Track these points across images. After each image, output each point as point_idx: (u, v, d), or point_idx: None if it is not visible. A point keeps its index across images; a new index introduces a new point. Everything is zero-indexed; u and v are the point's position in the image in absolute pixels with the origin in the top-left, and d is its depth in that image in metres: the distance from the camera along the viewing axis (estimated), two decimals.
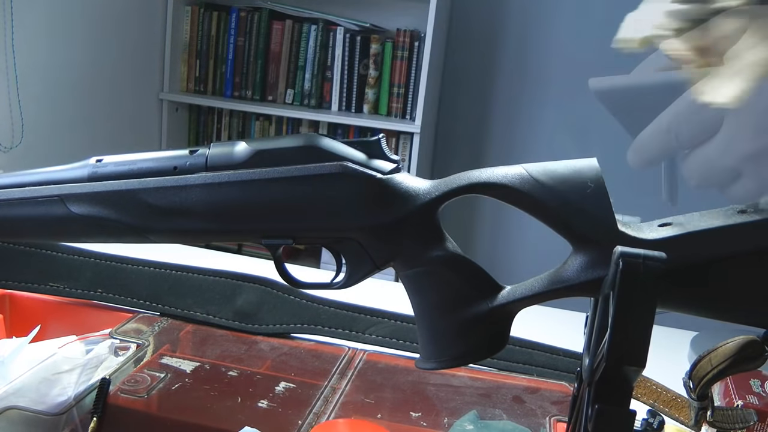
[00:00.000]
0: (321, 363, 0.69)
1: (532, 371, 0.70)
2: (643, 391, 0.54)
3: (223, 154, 0.45)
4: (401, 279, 0.45)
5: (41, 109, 1.96)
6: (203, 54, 2.57)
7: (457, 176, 0.43)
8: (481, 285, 0.43)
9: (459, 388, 0.66)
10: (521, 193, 0.41)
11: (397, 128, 2.42)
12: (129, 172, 0.46)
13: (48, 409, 0.54)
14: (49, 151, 1.97)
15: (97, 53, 2.18)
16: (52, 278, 0.75)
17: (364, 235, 0.44)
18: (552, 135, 2.53)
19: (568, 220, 0.40)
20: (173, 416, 0.59)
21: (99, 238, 0.48)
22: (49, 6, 1.95)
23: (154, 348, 0.68)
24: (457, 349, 0.43)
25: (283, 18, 2.50)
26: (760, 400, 0.58)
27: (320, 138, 0.45)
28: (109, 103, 2.28)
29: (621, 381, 0.35)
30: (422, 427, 0.60)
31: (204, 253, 1.04)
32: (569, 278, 0.40)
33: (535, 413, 0.63)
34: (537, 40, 2.50)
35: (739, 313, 0.39)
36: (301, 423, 0.58)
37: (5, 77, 1.82)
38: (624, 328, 0.33)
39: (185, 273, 0.76)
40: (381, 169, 0.44)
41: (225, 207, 0.44)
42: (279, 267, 0.46)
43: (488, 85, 2.58)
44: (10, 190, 0.47)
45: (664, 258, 0.33)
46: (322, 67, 2.49)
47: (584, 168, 0.40)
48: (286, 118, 2.57)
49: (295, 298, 0.74)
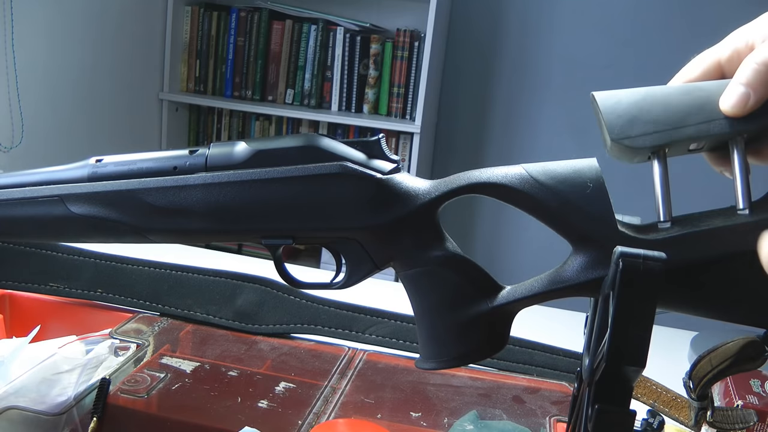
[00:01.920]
0: (321, 363, 0.69)
1: (532, 371, 0.70)
2: (643, 391, 0.54)
3: (223, 154, 0.45)
4: (401, 279, 0.45)
5: (41, 109, 1.96)
6: (203, 54, 2.57)
7: (457, 176, 0.43)
8: (481, 285, 0.43)
9: (459, 388, 0.66)
10: (521, 193, 0.41)
11: (397, 128, 2.42)
12: (129, 172, 0.46)
13: (48, 409, 0.54)
14: (49, 151, 1.97)
15: (97, 53, 2.18)
16: (52, 278, 0.75)
17: (364, 235, 0.44)
18: (552, 135, 2.53)
19: (568, 220, 0.40)
20: (173, 416, 0.59)
21: (99, 238, 0.48)
22: (49, 6, 1.95)
23: (154, 348, 0.68)
24: (457, 349, 0.43)
25: (283, 18, 2.50)
26: (760, 400, 0.58)
27: (320, 138, 0.45)
28: (109, 103, 2.28)
29: (621, 381, 0.35)
30: (422, 427, 0.60)
31: (204, 253, 1.04)
32: (569, 278, 0.40)
33: (535, 413, 0.63)
34: (537, 40, 2.50)
35: (739, 313, 0.39)
36: (301, 423, 0.58)
37: (5, 77, 1.82)
38: (624, 328, 0.33)
39: (185, 273, 0.76)
40: (381, 169, 0.44)
41: (225, 207, 0.44)
42: (279, 267, 0.46)
43: (488, 85, 2.58)
44: (10, 190, 0.47)
45: (664, 258, 0.33)
46: (322, 67, 2.49)
47: (584, 168, 0.40)
48: (286, 118, 2.57)
49: (295, 298, 0.74)
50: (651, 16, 2.38)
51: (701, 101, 0.38)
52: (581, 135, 2.47)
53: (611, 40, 2.41)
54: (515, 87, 2.56)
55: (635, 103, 0.39)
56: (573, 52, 2.45)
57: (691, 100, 0.38)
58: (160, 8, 2.45)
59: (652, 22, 2.38)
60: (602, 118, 0.39)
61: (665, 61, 2.36)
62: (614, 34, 2.41)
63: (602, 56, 2.42)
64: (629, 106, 0.39)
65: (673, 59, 0.58)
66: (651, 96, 0.39)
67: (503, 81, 2.56)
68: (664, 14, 2.36)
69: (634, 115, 0.39)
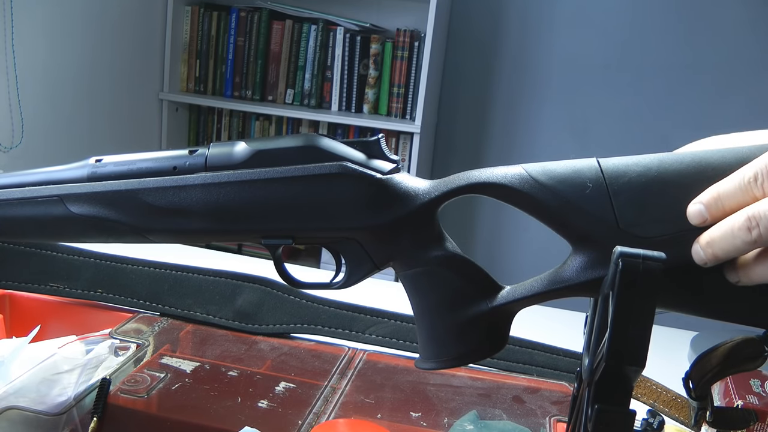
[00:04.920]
0: (321, 363, 0.69)
1: (532, 371, 0.70)
2: (643, 391, 0.54)
3: (223, 154, 0.45)
4: (401, 279, 0.45)
5: (41, 109, 1.96)
6: (203, 54, 2.57)
7: (457, 176, 0.43)
8: (480, 285, 0.43)
9: (459, 388, 0.66)
10: (521, 193, 0.41)
11: (397, 128, 2.42)
12: (128, 172, 0.46)
13: (48, 409, 0.54)
14: (48, 151, 1.97)
15: (97, 53, 2.18)
16: (52, 278, 0.75)
17: (364, 235, 0.44)
18: (552, 135, 2.53)
19: (568, 220, 0.40)
20: (173, 416, 0.59)
21: (99, 238, 0.48)
22: (49, 6, 1.95)
23: (154, 348, 0.68)
24: (456, 349, 0.43)
25: (283, 18, 2.50)
26: (760, 400, 0.58)
27: (320, 138, 0.45)
28: (109, 103, 2.28)
29: (621, 381, 0.35)
30: (422, 427, 0.60)
31: (204, 253, 1.04)
32: (569, 278, 0.40)
33: (535, 413, 0.63)
34: (537, 40, 2.50)
35: (739, 313, 0.39)
36: (301, 423, 0.58)
37: (5, 77, 1.82)
38: (624, 328, 0.33)
39: (185, 273, 0.76)
40: (380, 169, 0.44)
41: (224, 207, 0.44)
42: (279, 267, 0.46)
43: (488, 85, 2.58)
44: (10, 190, 0.47)
45: (664, 258, 0.33)
46: (322, 67, 2.49)
47: (584, 168, 0.40)
48: (286, 118, 2.57)
49: (295, 298, 0.74)
50: (650, 16, 2.38)
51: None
52: (581, 135, 2.47)
53: (611, 40, 2.41)
54: (515, 87, 2.56)
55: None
56: (573, 52, 2.45)
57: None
58: (160, 8, 2.45)
59: (652, 22, 2.37)
60: None
61: (665, 61, 2.37)
62: (614, 34, 2.41)
63: (602, 56, 2.42)
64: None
65: (672, 59, 0.58)
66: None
67: (503, 81, 2.56)
68: (663, 14, 2.36)
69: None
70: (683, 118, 2.34)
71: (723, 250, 0.36)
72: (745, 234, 0.35)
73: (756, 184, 0.35)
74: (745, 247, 0.35)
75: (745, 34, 2.27)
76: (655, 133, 2.34)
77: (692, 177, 0.38)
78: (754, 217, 0.35)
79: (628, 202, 0.39)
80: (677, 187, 0.38)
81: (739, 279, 0.37)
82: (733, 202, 0.36)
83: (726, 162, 0.38)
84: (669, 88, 2.38)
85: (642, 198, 0.38)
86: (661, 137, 2.31)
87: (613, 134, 2.42)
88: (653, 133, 2.35)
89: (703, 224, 0.37)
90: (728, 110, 2.30)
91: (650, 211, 0.38)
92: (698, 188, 0.37)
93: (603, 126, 2.44)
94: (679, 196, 0.38)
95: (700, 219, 0.37)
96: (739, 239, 0.35)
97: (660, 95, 2.39)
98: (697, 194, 0.37)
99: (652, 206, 0.38)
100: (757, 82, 2.29)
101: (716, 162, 0.38)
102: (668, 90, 2.38)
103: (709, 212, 0.37)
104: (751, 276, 0.36)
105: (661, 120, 2.38)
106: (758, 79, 2.29)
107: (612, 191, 0.39)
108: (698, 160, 0.38)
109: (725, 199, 0.36)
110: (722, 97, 2.33)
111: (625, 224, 0.39)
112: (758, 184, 0.35)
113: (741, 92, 2.29)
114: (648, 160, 0.39)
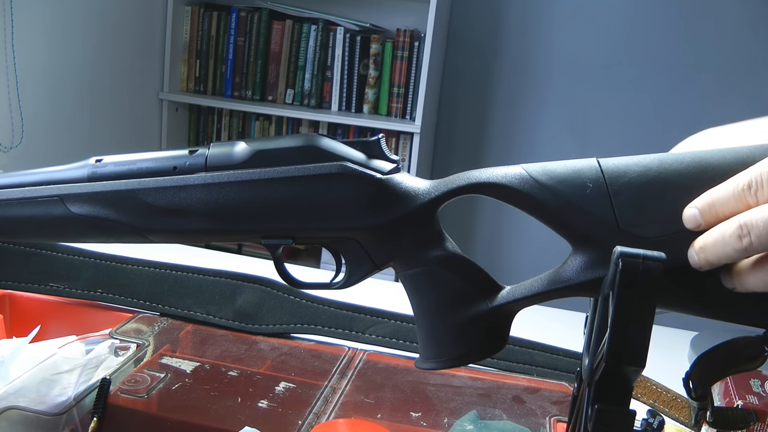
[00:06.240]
0: (321, 363, 0.69)
1: (532, 371, 0.70)
2: (643, 391, 0.54)
3: (223, 154, 0.45)
4: (401, 279, 0.45)
5: (41, 109, 1.96)
6: (203, 54, 2.57)
7: (457, 176, 0.43)
8: (480, 285, 0.43)
9: (459, 388, 0.66)
10: (521, 193, 0.41)
11: (397, 128, 2.42)
12: (128, 172, 0.46)
13: (48, 409, 0.54)
14: (49, 151, 1.97)
15: (97, 53, 2.18)
16: (52, 278, 0.75)
17: (364, 235, 0.44)
18: (552, 135, 2.53)
19: (568, 220, 0.40)
20: (173, 416, 0.59)
21: (99, 238, 0.48)
22: (49, 6, 1.95)
23: (154, 348, 0.68)
24: (456, 349, 0.43)
25: (283, 18, 2.50)
26: (760, 400, 0.58)
27: (320, 138, 0.45)
28: (109, 103, 2.28)
29: (621, 381, 0.35)
30: (422, 427, 0.60)
31: (204, 253, 1.04)
32: (569, 278, 0.40)
33: (535, 413, 0.63)
34: (537, 40, 2.50)
35: (739, 313, 0.39)
36: (301, 423, 0.58)
37: (5, 77, 1.82)
38: (624, 328, 0.33)
39: (185, 273, 0.76)
40: (380, 169, 0.44)
41: (224, 207, 0.44)
42: (279, 267, 0.46)
43: (488, 85, 2.58)
44: (10, 190, 0.47)
45: (664, 258, 0.33)
46: (322, 67, 2.49)
47: (584, 168, 0.40)
48: (286, 118, 2.57)
49: (295, 298, 0.74)
50: (651, 16, 2.38)
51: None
52: (581, 135, 2.47)
53: (611, 40, 2.41)
54: (515, 87, 2.56)
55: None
56: (573, 52, 2.45)
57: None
58: (160, 8, 2.45)
59: (652, 22, 2.37)
60: None
61: (666, 60, 2.37)
62: (614, 34, 2.41)
63: (602, 56, 2.42)
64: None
65: (673, 59, 0.58)
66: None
67: (503, 81, 2.56)
68: (664, 14, 2.36)
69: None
70: (684, 118, 2.34)
71: (715, 256, 0.36)
72: (736, 242, 0.35)
73: (750, 191, 0.35)
74: (736, 255, 0.35)
75: (745, 33, 2.27)
76: (655, 133, 2.34)
77: (692, 177, 0.38)
78: (745, 225, 0.34)
79: (628, 202, 0.39)
80: (677, 188, 0.38)
81: (735, 286, 0.37)
82: (726, 209, 0.36)
83: (726, 163, 0.38)
84: (669, 88, 2.38)
85: (642, 198, 0.38)
86: (661, 137, 2.30)
87: (613, 134, 2.42)
88: (653, 133, 2.35)
89: (698, 229, 0.37)
90: (729, 110, 2.30)
91: (650, 211, 0.38)
92: (698, 189, 0.37)
93: (603, 126, 2.44)
94: (679, 196, 0.38)
95: (695, 223, 0.37)
96: (729, 246, 0.35)
97: (660, 95, 2.39)
98: (697, 195, 0.37)
99: (652, 206, 0.38)
100: (758, 82, 2.29)
101: (716, 163, 0.38)
102: (669, 90, 2.38)
103: (703, 217, 0.37)
104: (746, 284, 0.36)
105: (661, 120, 2.38)
106: (759, 78, 2.29)
107: (612, 191, 0.39)
108: (698, 160, 0.38)
109: (719, 205, 0.36)
110: (723, 96, 2.33)
111: (625, 224, 0.39)
112: (752, 192, 0.35)
113: (742, 92, 2.29)
114: (648, 160, 0.39)
